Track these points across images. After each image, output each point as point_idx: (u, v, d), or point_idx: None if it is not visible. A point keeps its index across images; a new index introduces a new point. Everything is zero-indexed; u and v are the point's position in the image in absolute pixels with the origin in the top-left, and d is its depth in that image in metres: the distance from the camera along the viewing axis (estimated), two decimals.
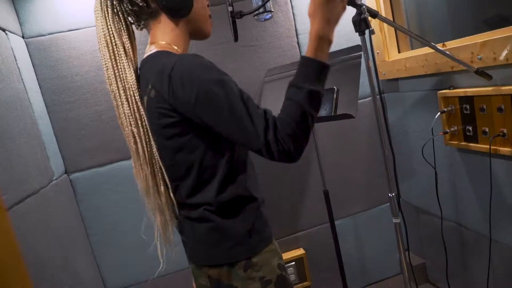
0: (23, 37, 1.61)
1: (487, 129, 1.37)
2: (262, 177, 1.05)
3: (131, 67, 0.90)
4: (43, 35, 1.63)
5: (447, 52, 1.31)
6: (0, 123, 1.20)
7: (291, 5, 1.88)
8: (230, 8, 1.03)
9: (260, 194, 0.99)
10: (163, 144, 0.92)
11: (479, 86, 1.39)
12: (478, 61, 1.34)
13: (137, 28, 0.98)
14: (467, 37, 1.46)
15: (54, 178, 1.55)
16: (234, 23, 1.05)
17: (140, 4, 0.90)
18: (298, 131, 0.79)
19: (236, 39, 1.10)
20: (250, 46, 1.85)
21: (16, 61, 1.47)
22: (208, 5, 1.03)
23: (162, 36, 0.93)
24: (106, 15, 0.89)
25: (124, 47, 0.89)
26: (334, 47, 1.90)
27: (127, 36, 0.91)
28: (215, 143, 0.89)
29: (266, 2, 1.03)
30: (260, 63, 1.87)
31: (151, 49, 0.93)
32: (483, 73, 1.31)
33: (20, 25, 1.60)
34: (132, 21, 0.96)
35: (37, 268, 1.20)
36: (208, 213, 0.92)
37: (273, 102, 1.67)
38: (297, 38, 1.91)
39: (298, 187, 2.01)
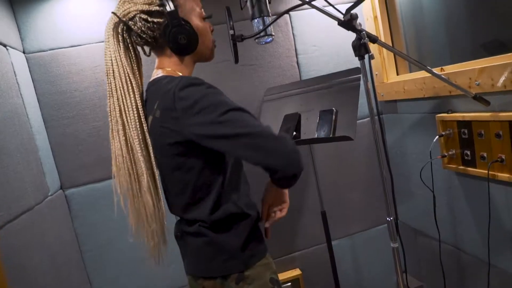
0: (23, 52, 1.61)
1: (485, 154, 1.37)
2: (260, 195, 1.11)
3: (136, 93, 0.95)
4: (44, 51, 1.63)
5: (445, 77, 1.32)
6: None
7: (291, 26, 1.90)
8: (231, 32, 1.03)
9: (256, 210, 1.05)
10: (162, 161, 0.99)
11: (477, 111, 1.40)
12: (476, 87, 1.35)
13: (145, 54, 1.03)
14: (465, 63, 1.47)
15: (49, 194, 1.53)
16: (235, 46, 1.06)
17: (149, 40, 0.97)
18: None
19: (236, 61, 1.11)
20: (250, 65, 1.86)
21: (15, 76, 1.47)
22: (212, 30, 1.08)
23: (168, 65, 1.00)
24: (117, 45, 0.96)
25: (133, 75, 0.96)
26: (334, 69, 1.93)
27: (136, 64, 0.98)
28: (211, 164, 0.94)
29: (267, 27, 1.04)
30: (260, 82, 1.88)
31: (158, 73, 0.99)
32: (481, 99, 1.32)
33: (21, 40, 1.61)
34: (140, 49, 1.02)
35: (28, 286, 1.18)
36: (203, 228, 0.97)
37: (272, 121, 1.67)
38: (297, 58, 1.92)
39: (296, 207, 1.99)
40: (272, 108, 1.76)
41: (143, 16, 0.95)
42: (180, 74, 0.98)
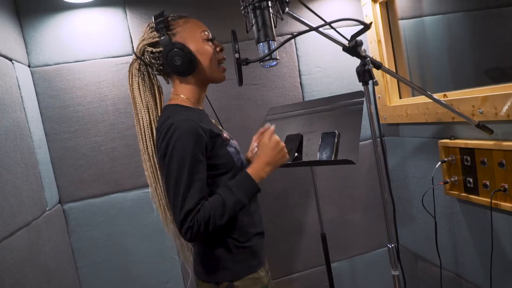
0: (29, 66, 1.62)
1: (488, 183, 1.36)
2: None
3: (152, 120, 1.14)
4: (49, 65, 1.64)
5: (448, 104, 1.33)
6: None
7: (296, 46, 1.91)
8: (236, 55, 1.04)
9: (251, 230, 1.13)
10: (162, 179, 1.10)
11: (480, 138, 1.40)
12: (479, 115, 1.35)
13: (166, 82, 1.20)
14: (468, 90, 1.48)
15: (47, 208, 1.52)
16: (239, 69, 1.06)
17: (160, 68, 1.13)
18: (209, 223, 0.96)
19: (240, 83, 1.11)
20: (253, 85, 1.87)
21: (20, 90, 1.47)
22: (221, 50, 1.15)
23: (176, 90, 1.14)
24: (132, 79, 1.12)
25: (154, 102, 1.14)
26: (337, 90, 1.94)
27: (151, 93, 1.14)
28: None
29: (272, 51, 1.04)
30: (262, 102, 1.88)
31: (170, 99, 1.14)
32: (484, 127, 1.32)
33: (28, 55, 1.62)
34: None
35: None
36: (199, 241, 1.12)
37: None
38: (300, 78, 1.93)
39: (295, 227, 1.97)
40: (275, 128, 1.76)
41: (149, 48, 1.09)
42: (189, 100, 1.12)
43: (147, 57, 1.10)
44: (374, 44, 1.91)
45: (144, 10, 1.73)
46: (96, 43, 1.69)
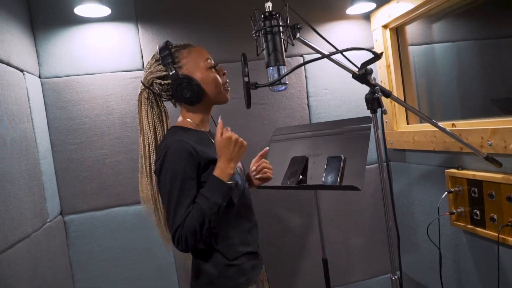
0: (39, 77, 1.64)
1: (495, 216, 1.34)
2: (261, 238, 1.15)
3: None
4: (59, 77, 1.66)
5: (457, 135, 1.31)
6: (2, 165, 1.19)
7: (304, 68, 1.92)
8: (246, 79, 1.04)
9: (241, 249, 1.15)
10: (160, 198, 1.17)
11: (489, 171, 1.38)
12: (488, 147, 1.34)
13: (174, 106, 1.25)
14: (478, 121, 1.46)
15: (48, 220, 1.51)
16: (248, 92, 1.06)
17: (169, 97, 1.20)
18: (195, 231, 1.00)
19: (248, 107, 1.11)
20: (261, 104, 1.87)
21: (29, 100, 1.48)
22: (224, 74, 1.18)
23: (184, 114, 1.20)
24: (141, 107, 1.17)
25: (161, 127, 1.20)
26: (344, 113, 1.93)
27: (159, 119, 1.19)
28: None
29: (283, 77, 1.04)
30: (269, 121, 1.88)
31: (177, 121, 1.21)
32: (493, 160, 1.30)
33: (39, 66, 1.64)
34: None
35: None
36: (193, 256, 1.18)
37: (279, 162, 1.65)
38: (308, 100, 1.93)
39: (297, 251, 1.94)
40: (280, 149, 1.75)
41: (158, 81, 1.15)
42: (195, 123, 1.19)
43: (156, 88, 1.16)
44: (383, 69, 1.91)
45: (156, 27, 1.75)
46: (106, 57, 1.70)
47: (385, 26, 1.88)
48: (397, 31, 1.90)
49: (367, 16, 1.96)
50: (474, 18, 1.73)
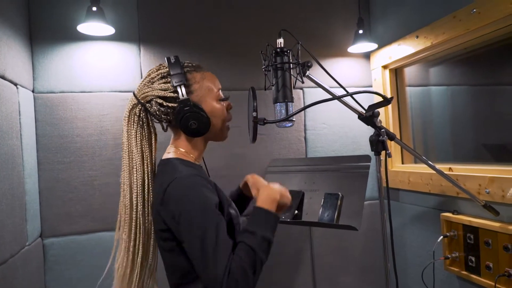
0: (32, 91, 1.58)
1: (491, 265, 1.33)
2: None
3: (145, 169, 1.04)
4: (54, 92, 1.60)
5: (455, 181, 1.31)
6: None
7: (303, 101, 1.92)
8: (254, 114, 1.02)
9: None
10: (159, 243, 1.05)
11: (485, 218, 1.38)
12: (485, 194, 1.34)
13: (163, 129, 1.11)
14: (476, 167, 1.47)
15: (27, 244, 1.42)
16: (255, 128, 1.04)
17: (164, 120, 1.05)
18: (247, 276, 0.85)
19: (254, 141, 1.09)
20: (259, 135, 1.84)
21: (20, 115, 1.42)
22: (229, 108, 1.12)
23: (180, 144, 1.06)
24: (132, 125, 1.02)
25: (143, 152, 1.03)
26: (340, 148, 1.93)
27: (148, 141, 1.05)
28: None
29: (292, 115, 1.03)
30: (265, 153, 1.86)
31: (169, 151, 1.06)
32: (490, 208, 1.30)
33: (33, 80, 1.58)
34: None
35: None
36: None
37: None
38: (305, 133, 1.92)
39: (286, 285, 1.88)
40: (275, 180, 1.71)
41: (159, 100, 1.01)
42: (192, 155, 1.06)
43: (154, 108, 1.01)
44: (381, 108, 1.92)
45: (158, 49, 1.73)
46: (105, 76, 1.66)
47: (384, 67, 1.91)
48: (396, 72, 1.93)
49: (367, 55, 2.00)
50: (469, 65, 1.78)
